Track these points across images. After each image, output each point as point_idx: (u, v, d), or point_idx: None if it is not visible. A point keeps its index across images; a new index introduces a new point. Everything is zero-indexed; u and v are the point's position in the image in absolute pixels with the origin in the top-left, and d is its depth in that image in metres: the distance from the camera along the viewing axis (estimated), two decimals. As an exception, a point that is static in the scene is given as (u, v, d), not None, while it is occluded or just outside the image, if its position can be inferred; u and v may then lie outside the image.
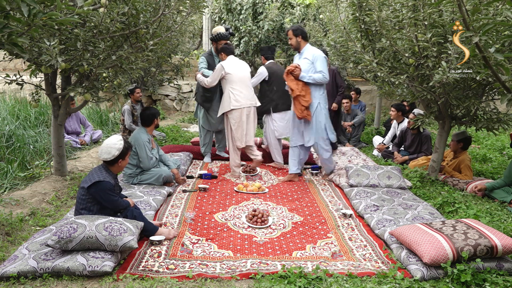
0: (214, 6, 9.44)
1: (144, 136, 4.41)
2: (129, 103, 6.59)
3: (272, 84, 5.42)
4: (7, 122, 5.71)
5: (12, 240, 3.13)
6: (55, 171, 4.58)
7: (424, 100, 4.69)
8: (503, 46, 3.37)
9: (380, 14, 4.19)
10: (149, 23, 4.10)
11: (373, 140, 7.06)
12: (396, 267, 2.80)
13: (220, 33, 5.27)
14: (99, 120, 7.91)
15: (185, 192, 4.43)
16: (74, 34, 3.52)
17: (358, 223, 3.67)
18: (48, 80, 4.25)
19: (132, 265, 2.76)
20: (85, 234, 2.68)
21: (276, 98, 5.43)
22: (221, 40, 5.27)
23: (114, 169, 3.21)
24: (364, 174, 4.61)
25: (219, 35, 5.26)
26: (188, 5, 4.83)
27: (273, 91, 5.44)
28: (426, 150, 5.71)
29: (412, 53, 4.17)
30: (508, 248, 2.68)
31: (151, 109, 4.62)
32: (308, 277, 2.60)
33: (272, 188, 4.68)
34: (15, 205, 3.71)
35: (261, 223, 3.53)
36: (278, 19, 8.76)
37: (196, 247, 3.10)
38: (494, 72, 2.57)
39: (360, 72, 6.69)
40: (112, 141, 3.17)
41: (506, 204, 4.04)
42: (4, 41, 2.11)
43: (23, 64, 10.43)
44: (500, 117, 4.27)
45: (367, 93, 10.12)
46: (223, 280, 2.61)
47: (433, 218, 3.52)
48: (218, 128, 5.68)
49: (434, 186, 4.64)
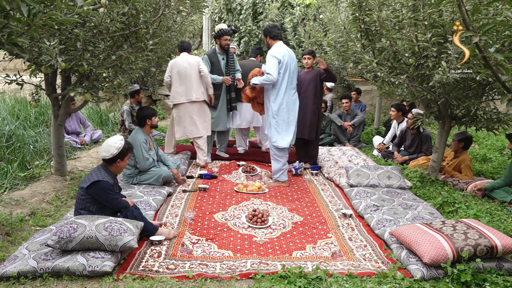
0: (214, 6, 9.46)
1: (140, 137, 4.40)
2: (128, 104, 6.59)
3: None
4: (7, 122, 5.71)
5: (12, 240, 3.13)
6: (55, 171, 4.58)
7: (424, 100, 4.69)
8: (503, 46, 3.37)
9: (380, 14, 4.19)
10: (149, 23, 4.10)
11: (373, 140, 7.06)
12: (396, 267, 2.79)
13: (222, 28, 5.32)
14: (99, 120, 7.91)
15: (185, 192, 4.43)
16: (74, 34, 3.52)
17: (358, 223, 3.67)
18: (48, 80, 4.25)
19: (132, 265, 2.76)
20: (85, 234, 2.68)
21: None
22: (224, 36, 5.34)
23: (113, 169, 3.21)
24: (364, 174, 4.61)
25: (221, 30, 5.32)
26: (188, 5, 4.84)
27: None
28: (426, 150, 5.72)
29: (412, 53, 4.17)
30: (508, 248, 2.68)
31: (145, 109, 4.57)
32: (308, 277, 2.60)
33: (272, 188, 4.68)
34: (15, 205, 3.71)
35: (261, 223, 3.53)
36: (278, 19, 8.78)
37: (196, 247, 3.10)
38: (494, 72, 2.57)
39: (360, 72, 6.69)
40: (113, 140, 3.17)
41: (506, 204, 4.04)
42: (4, 41, 2.11)
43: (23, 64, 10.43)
44: (500, 117, 4.27)
45: (367, 93, 10.12)
46: (223, 280, 2.61)
47: (433, 218, 3.52)
48: (226, 127, 5.74)
49: (434, 186, 4.64)
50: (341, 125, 7.08)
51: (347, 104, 7.14)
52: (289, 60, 4.54)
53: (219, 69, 5.46)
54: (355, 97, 7.95)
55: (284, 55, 4.47)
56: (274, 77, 4.42)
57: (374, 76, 5.30)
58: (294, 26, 8.64)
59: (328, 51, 7.01)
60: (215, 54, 5.49)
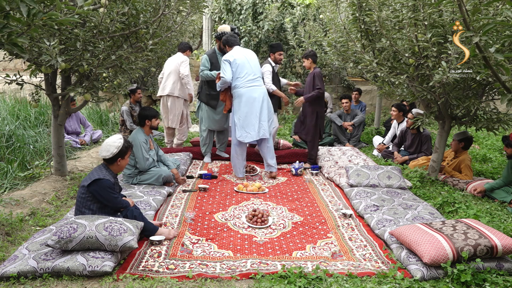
0: (214, 6, 9.45)
1: (140, 137, 4.40)
2: (128, 104, 6.59)
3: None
4: (7, 122, 5.71)
5: (12, 240, 3.13)
6: (55, 171, 4.58)
7: (424, 100, 4.69)
8: (503, 46, 3.37)
9: (380, 14, 4.19)
10: (149, 23, 4.10)
11: (373, 140, 7.06)
12: (396, 267, 2.79)
13: (225, 31, 5.36)
14: (99, 120, 7.91)
15: (185, 192, 4.43)
16: (74, 34, 3.52)
17: (358, 223, 3.67)
18: (48, 80, 4.25)
19: (132, 265, 2.76)
20: (85, 234, 2.68)
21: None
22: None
23: (114, 168, 3.21)
24: (364, 174, 4.61)
25: (223, 33, 5.36)
26: (188, 5, 4.84)
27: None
28: (426, 150, 5.71)
29: (412, 53, 4.17)
30: (508, 248, 2.68)
31: (146, 110, 4.57)
32: (308, 277, 2.60)
33: (272, 188, 4.68)
34: (15, 205, 3.71)
35: (261, 223, 3.53)
36: (278, 19, 8.77)
37: (196, 247, 3.10)
38: (494, 72, 2.57)
39: (360, 72, 6.69)
40: (112, 139, 3.18)
41: (506, 204, 4.04)
42: (4, 41, 2.11)
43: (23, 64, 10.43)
44: (500, 117, 4.27)
45: (367, 93, 10.12)
46: (223, 280, 2.61)
47: (433, 218, 3.52)
48: (223, 127, 5.76)
49: (434, 186, 4.64)
50: (341, 125, 7.08)
51: (346, 104, 7.14)
52: (244, 60, 4.79)
53: (218, 68, 5.47)
54: (356, 97, 7.94)
55: (236, 58, 4.76)
56: (226, 77, 4.73)
57: (374, 76, 5.30)
58: (294, 26, 8.63)
59: (328, 51, 7.00)
60: (215, 54, 5.51)
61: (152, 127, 4.57)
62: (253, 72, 4.80)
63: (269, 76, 5.47)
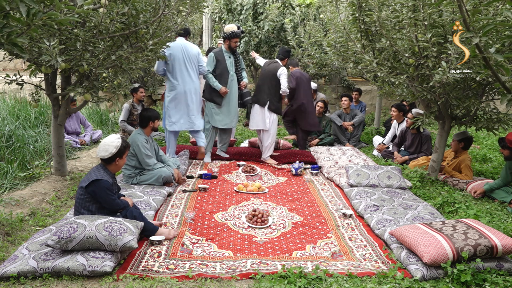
0: (214, 6, 9.44)
1: (140, 137, 4.40)
2: (130, 102, 6.59)
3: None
4: (7, 122, 5.71)
5: (12, 240, 3.13)
6: (55, 171, 4.58)
7: (424, 100, 4.69)
8: (503, 47, 3.38)
9: (380, 14, 4.19)
10: (149, 23, 4.10)
11: (373, 140, 7.06)
12: (396, 267, 2.79)
13: (234, 31, 5.43)
14: (99, 120, 7.91)
15: (185, 192, 4.43)
16: (74, 34, 3.52)
17: (358, 223, 3.67)
18: (48, 80, 4.25)
19: (132, 265, 2.76)
20: (85, 234, 2.68)
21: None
22: (235, 38, 5.46)
23: (112, 168, 3.20)
24: (364, 174, 4.61)
25: (233, 33, 5.42)
26: (188, 5, 4.84)
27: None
28: (426, 150, 5.71)
29: (412, 53, 4.17)
30: (508, 248, 2.68)
31: (150, 111, 4.58)
32: (308, 277, 2.60)
33: (272, 188, 4.68)
34: (15, 205, 3.71)
35: (261, 223, 3.53)
36: (278, 19, 8.77)
37: (196, 247, 3.10)
38: (494, 72, 2.57)
39: (360, 72, 6.68)
40: (110, 139, 3.17)
41: (506, 204, 4.04)
42: (3, 41, 2.11)
43: (23, 64, 10.43)
44: (500, 117, 4.27)
45: (367, 93, 10.12)
46: (223, 280, 2.61)
47: (433, 218, 3.52)
48: (231, 126, 5.80)
49: (434, 186, 4.64)
50: (341, 125, 7.08)
51: (346, 102, 7.13)
52: (177, 52, 5.15)
53: (224, 66, 5.54)
54: (356, 97, 7.93)
55: (172, 50, 5.09)
56: (155, 69, 5.29)
57: (374, 76, 5.30)
58: (294, 26, 8.63)
59: (328, 51, 7.00)
60: (222, 52, 5.59)
61: (154, 128, 4.60)
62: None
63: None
